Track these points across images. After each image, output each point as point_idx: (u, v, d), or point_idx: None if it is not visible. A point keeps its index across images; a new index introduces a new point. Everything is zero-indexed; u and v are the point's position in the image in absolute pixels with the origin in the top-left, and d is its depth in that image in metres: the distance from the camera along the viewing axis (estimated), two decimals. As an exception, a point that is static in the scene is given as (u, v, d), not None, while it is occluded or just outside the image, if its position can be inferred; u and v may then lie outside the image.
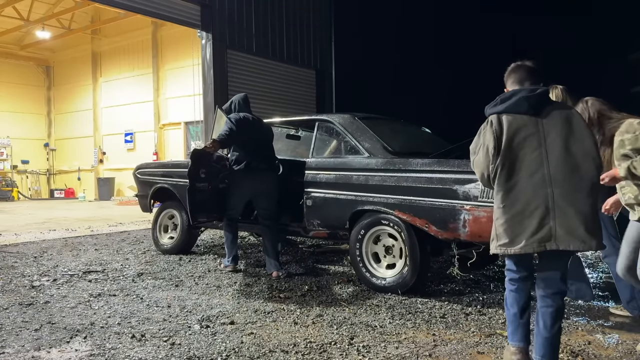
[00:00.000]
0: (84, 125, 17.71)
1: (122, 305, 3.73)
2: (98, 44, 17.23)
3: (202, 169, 4.66)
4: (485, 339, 2.97)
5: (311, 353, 2.76)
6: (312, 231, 4.63)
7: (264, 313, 3.50)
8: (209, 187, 4.70)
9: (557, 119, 2.34)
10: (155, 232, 5.92)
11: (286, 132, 5.45)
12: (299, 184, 4.61)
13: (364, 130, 4.44)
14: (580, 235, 2.25)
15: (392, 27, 15.94)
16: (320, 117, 4.89)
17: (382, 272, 4.09)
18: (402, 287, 3.90)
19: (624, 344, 2.92)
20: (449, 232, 3.65)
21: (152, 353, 2.78)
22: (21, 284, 4.39)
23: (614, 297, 3.78)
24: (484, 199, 3.46)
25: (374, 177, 4.11)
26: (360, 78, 15.32)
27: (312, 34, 14.72)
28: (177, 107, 14.90)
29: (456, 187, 3.60)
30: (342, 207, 4.30)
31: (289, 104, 13.50)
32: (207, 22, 11.47)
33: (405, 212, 3.87)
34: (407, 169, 3.94)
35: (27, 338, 3.03)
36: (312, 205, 4.53)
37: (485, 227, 3.39)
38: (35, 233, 7.69)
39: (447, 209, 3.63)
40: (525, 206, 2.30)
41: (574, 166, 2.29)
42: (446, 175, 3.68)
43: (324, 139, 4.81)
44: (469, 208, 3.52)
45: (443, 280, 4.50)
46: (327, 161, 4.59)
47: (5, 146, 17.49)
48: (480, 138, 2.44)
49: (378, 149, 4.26)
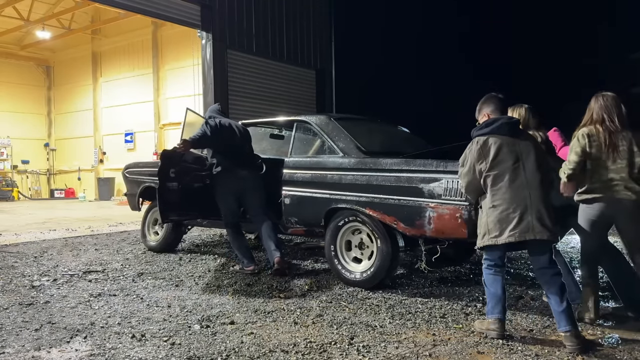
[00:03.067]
0: (84, 125, 17.70)
1: (122, 305, 3.73)
2: (98, 44, 17.22)
3: (172, 168, 4.75)
4: (485, 339, 2.97)
5: (311, 353, 2.77)
6: (290, 228, 4.81)
7: (264, 313, 3.50)
8: (179, 186, 4.79)
9: (528, 142, 3.01)
10: (143, 229, 6.09)
11: (270, 132, 5.59)
12: (279, 182, 4.77)
13: (339, 131, 4.59)
14: (548, 227, 2.85)
15: (392, 26, 15.93)
16: (298, 118, 5.04)
17: (354, 266, 4.25)
18: (373, 281, 4.08)
19: (623, 343, 2.92)
20: (416, 229, 3.82)
21: (152, 353, 2.78)
22: (21, 283, 4.39)
23: (613, 297, 3.78)
24: (447, 197, 3.63)
25: (347, 176, 4.28)
26: (360, 78, 15.32)
27: (312, 34, 14.72)
28: (177, 107, 14.89)
29: (422, 185, 3.77)
30: (317, 205, 4.46)
31: (289, 104, 13.50)
32: (207, 22, 11.47)
33: (375, 209, 4.03)
34: (377, 168, 4.10)
35: (27, 338, 3.03)
36: (289, 203, 4.69)
37: (448, 224, 3.61)
38: (35, 233, 7.69)
39: (414, 206, 3.80)
40: (510, 205, 2.88)
41: (541, 178, 2.93)
42: (413, 174, 3.86)
43: (302, 139, 4.97)
44: (433, 206, 3.69)
45: (443, 280, 4.50)
46: (304, 160, 4.74)
47: (6, 146, 17.49)
48: (468, 155, 3.03)
49: (352, 149, 4.41)
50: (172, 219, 4.96)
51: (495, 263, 3.02)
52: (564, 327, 2.81)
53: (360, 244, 4.28)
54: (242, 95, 12.25)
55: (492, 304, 2.99)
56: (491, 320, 2.99)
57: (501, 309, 2.97)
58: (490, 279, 3.03)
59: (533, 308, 3.63)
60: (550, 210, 2.90)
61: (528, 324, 3.27)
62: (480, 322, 3.13)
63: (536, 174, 2.92)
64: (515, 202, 2.87)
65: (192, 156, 5.02)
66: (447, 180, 3.63)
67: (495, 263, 3.02)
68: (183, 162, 4.89)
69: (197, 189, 4.96)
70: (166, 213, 4.74)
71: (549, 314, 3.43)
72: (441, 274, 4.75)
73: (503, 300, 2.98)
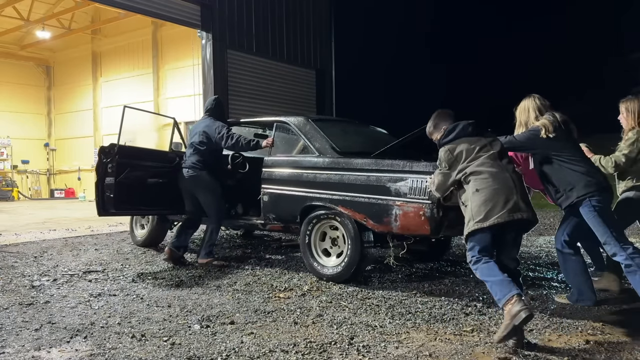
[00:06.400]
0: (84, 125, 17.70)
1: (122, 305, 3.73)
2: (98, 44, 17.22)
3: (109, 164, 4.97)
4: (485, 339, 2.97)
5: (311, 353, 2.77)
6: (269, 224, 5.03)
7: (264, 313, 3.50)
8: (115, 180, 4.95)
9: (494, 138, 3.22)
10: (131, 225, 6.37)
11: (254, 132, 5.77)
12: (258, 180, 4.99)
13: (315, 132, 4.80)
14: (532, 208, 3.03)
15: (392, 26, 15.94)
16: (278, 118, 5.26)
17: (327, 261, 4.46)
18: (344, 276, 4.27)
19: (623, 343, 2.92)
20: (384, 226, 4.02)
21: (152, 353, 2.78)
22: (21, 283, 4.39)
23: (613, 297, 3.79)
24: (412, 195, 3.85)
25: (322, 175, 4.49)
26: (360, 78, 15.34)
27: (312, 34, 14.71)
28: (177, 107, 14.88)
29: (389, 184, 3.98)
30: (293, 202, 4.66)
31: (289, 104, 13.50)
32: (207, 22, 11.47)
33: (347, 207, 4.24)
34: (349, 167, 4.32)
35: (27, 338, 3.03)
36: (268, 201, 4.89)
37: (413, 221, 3.85)
38: (35, 233, 7.70)
39: (382, 204, 4.01)
40: (493, 188, 2.97)
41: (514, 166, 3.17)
42: (381, 174, 4.07)
43: (281, 139, 5.18)
44: (399, 204, 3.90)
45: (443, 280, 4.50)
46: (281, 160, 4.95)
47: (6, 146, 17.49)
48: (442, 161, 3.21)
49: (327, 149, 4.61)
50: (112, 212, 5.10)
51: (485, 251, 2.98)
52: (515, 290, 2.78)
53: (333, 240, 4.47)
54: (242, 95, 12.25)
55: (501, 289, 2.81)
56: (510, 303, 2.73)
57: (514, 286, 2.80)
58: (485, 269, 2.94)
59: (533, 308, 3.62)
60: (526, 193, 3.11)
61: (528, 324, 3.26)
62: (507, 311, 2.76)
63: (510, 161, 3.15)
64: (499, 184, 2.97)
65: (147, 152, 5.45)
66: (412, 180, 3.85)
67: (483, 251, 2.97)
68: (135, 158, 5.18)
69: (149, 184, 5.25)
70: (103, 207, 4.96)
71: (549, 314, 3.43)
72: (440, 274, 4.75)
73: (510, 280, 2.84)
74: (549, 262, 5.22)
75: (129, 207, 5.26)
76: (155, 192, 5.29)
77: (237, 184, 5.68)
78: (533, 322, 3.28)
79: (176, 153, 5.64)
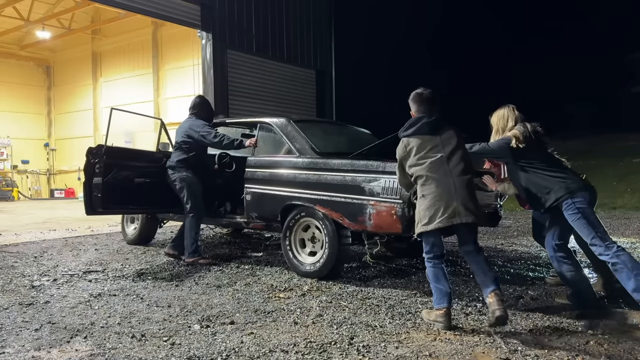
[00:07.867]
0: (84, 125, 17.68)
1: (122, 305, 3.73)
2: (98, 44, 17.21)
3: (97, 164, 5.06)
4: (485, 339, 2.97)
5: (311, 353, 2.77)
6: (252, 223, 5.15)
7: (264, 313, 3.50)
8: (102, 180, 5.02)
9: (451, 136, 3.29)
10: (123, 224, 6.54)
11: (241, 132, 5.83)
12: (242, 180, 5.10)
13: (296, 133, 4.92)
14: (473, 211, 3.13)
15: (391, 26, 15.95)
16: (261, 119, 5.40)
17: (306, 258, 4.58)
18: (323, 272, 4.39)
19: (623, 343, 2.92)
20: (359, 224, 4.17)
21: (152, 353, 2.78)
22: (21, 283, 4.39)
23: (611, 296, 3.78)
24: (384, 195, 3.99)
25: (301, 174, 4.63)
26: (360, 78, 15.34)
27: (312, 34, 14.70)
28: (177, 107, 14.88)
29: (364, 184, 4.14)
30: (274, 201, 4.80)
31: (289, 104, 13.49)
32: (207, 22, 11.47)
33: (324, 206, 4.38)
34: (327, 168, 4.46)
35: (27, 338, 3.03)
36: (250, 199, 5.02)
37: (385, 220, 3.98)
38: (35, 233, 7.70)
39: (357, 204, 4.16)
40: (436, 194, 3.14)
41: (463, 167, 3.22)
42: (356, 174, 4.22)
43: (264, 139, 5.33)
44: (373, 203, 4.05)
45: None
46: (263, 160, 5.09)
47: (6, 146, 17.48)
48: (398, 154, 3.35)
49: (307, 150, 4.74)
50: (99, 211, 5.16)
51: (434, 254, 3.22)
52: (491, 287, 3.07)
53: (312, 238, 4.61)
54: (242, 95, 12.25)
55: (437, 297, 3.17)
56: (438, 312, 3.15)
57: (447, 300, 3.15)
58: (431, 273, 3.22)
59: (533, 308, 3.63)
60: (473, 195, 3.21)
61: (528, 324, 3.26)
62: (428, 312, 3.28)
63: (459, 163, 3.22)
64: (441, 191, 3.13)
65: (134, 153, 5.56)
66: (385, 180, 3.99)
67: (433, 254, 3.22)
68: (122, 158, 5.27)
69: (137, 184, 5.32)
70: (91, 206, 5.06)
71: (549, 314, 3.44)
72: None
73: (448, 292, 3.16)
74: (549, 262, 5.21)
75: (116, 206, 5.34)
76: (143, 191, 5.37)
77: (222, 184, 5.75)
78: (533, 322, 3.29)
79: (163, 153, 5.67)
